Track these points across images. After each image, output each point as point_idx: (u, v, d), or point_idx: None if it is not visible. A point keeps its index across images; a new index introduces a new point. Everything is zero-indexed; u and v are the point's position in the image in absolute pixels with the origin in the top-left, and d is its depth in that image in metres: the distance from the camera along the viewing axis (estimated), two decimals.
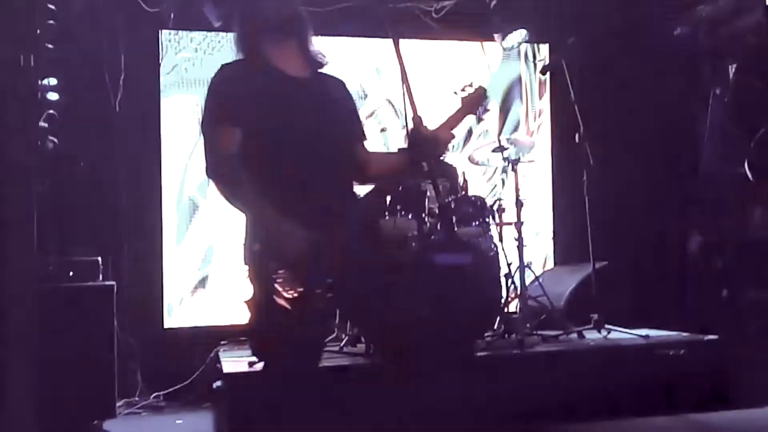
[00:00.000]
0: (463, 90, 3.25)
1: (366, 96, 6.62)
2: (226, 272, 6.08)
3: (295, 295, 2.58)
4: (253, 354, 3.03)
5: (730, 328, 5.24)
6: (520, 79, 6.99)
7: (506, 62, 6.88)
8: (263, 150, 2.77)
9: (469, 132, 6.82)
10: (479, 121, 3.13)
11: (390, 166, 3.17)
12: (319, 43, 3.08)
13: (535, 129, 6.97)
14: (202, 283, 6.16)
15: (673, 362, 4.83)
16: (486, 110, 3.21)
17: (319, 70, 3.04)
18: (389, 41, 2.97)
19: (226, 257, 6.10)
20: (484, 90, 3.28)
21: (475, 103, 3.20)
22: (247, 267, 2.76)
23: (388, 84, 6.62)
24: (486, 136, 6.85)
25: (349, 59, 6.45)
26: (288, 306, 2.58)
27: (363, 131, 3.13)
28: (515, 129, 6.90)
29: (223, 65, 2.93)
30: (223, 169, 2.75)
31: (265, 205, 2.68)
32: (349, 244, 2.75)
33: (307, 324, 2.64)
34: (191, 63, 6.19)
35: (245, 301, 2.73)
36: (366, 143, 3.12)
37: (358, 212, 2.91)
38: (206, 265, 6.17)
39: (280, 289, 2.58)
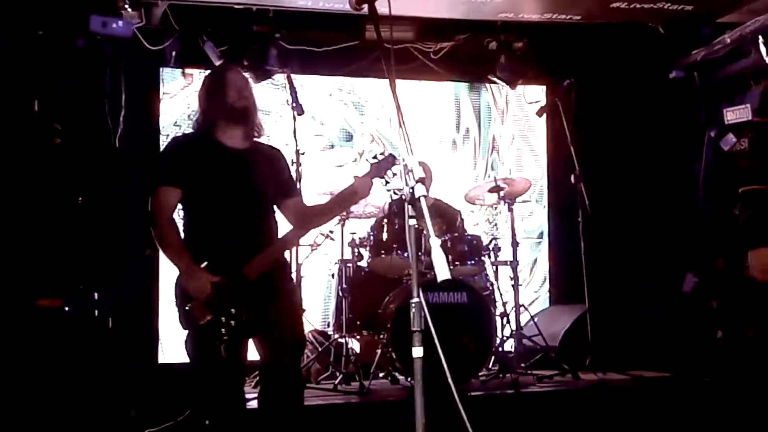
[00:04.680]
0: (374, 157, 3.58)
1: (352, 136, 6.71)
2: None
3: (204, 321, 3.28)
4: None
5: (725, 369, 5.22)
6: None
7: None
8: (199, 205, 3.45)
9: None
10: (386, 183, 3.54)
11: (345, 199, 3.61)
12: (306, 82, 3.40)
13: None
14: None
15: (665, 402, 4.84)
16: (393, 174, 3.54)
17: (257, 140, 3.62)
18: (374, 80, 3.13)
19: None
20: (394, 157, 3.54)
21: (383, 168, 3.52)
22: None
23: (372, 119, 6.74)
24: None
25: (333, 97, 6.63)
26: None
27: (296, 189, 3.80)
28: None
29: (173, 137, 3.80)
30: (158, 221, 3.41)
31: (179, 254, 3.37)
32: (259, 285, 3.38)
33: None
34: None
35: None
36: (301, 198, 3.77)
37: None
38: None
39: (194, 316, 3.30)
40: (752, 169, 3.40)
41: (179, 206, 3.50)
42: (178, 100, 6.36)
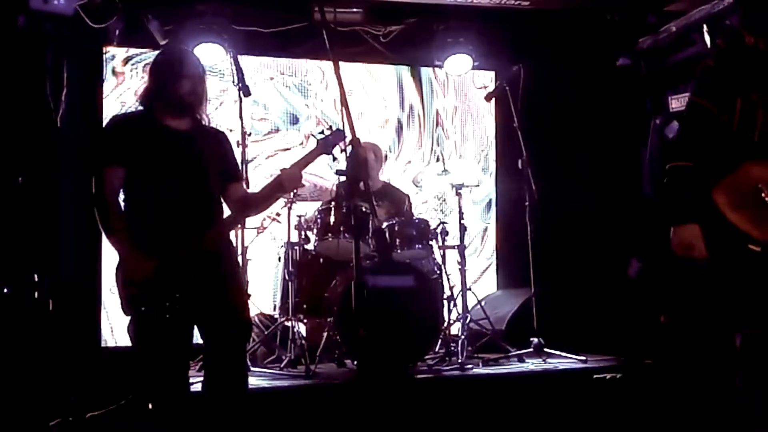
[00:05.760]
0: (321, 133, 3.55)
1: (298, 119, 6.64)
2: None
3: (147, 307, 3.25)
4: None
5: (667, 353, 5.31)
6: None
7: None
8: (141, 185, 3.37)
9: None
10: (334, 159, 3.53)
11: (272, 191, 3.53)
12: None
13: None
14: None
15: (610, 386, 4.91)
16: (341, 150, 3.51)
17: (203, 123, 3.55)
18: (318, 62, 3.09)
19: None
20: (342, 132, 3.52)
21: (330, 143, 3.51)
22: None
23: (317, 102, 6.69)
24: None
25: (275, 81, 6.58)
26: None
27: (239, 173, 3.71)
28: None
29: (114, 116, 3.72)
30: (101, 203, 3.35)
31: (122, 238, 3.31)
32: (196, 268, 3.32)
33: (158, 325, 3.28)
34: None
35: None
36: (242, 184, 3.71)
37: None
38: None
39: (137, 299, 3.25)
40: (679, 146, 3.44)
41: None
42: (111, 100, 6.22)
